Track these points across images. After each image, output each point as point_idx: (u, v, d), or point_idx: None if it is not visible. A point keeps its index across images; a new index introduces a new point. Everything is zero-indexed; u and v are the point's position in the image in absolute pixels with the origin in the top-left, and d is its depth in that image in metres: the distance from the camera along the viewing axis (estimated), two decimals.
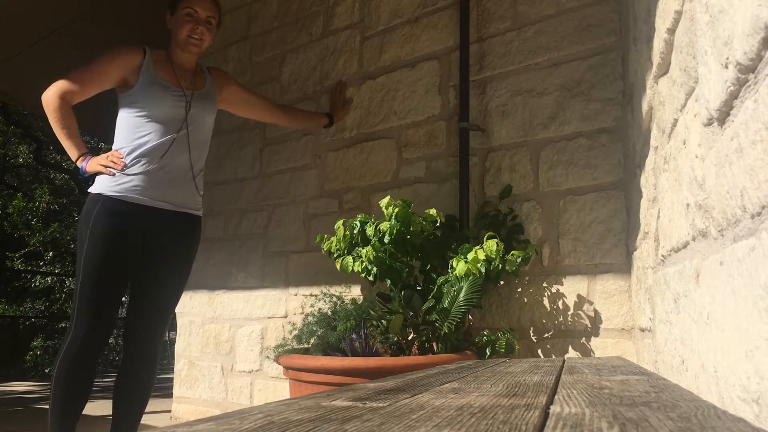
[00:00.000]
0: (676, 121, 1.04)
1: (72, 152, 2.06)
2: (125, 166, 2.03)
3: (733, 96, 0.66)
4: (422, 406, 0.62)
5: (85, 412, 2.15)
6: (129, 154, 2.07)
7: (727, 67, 0.67)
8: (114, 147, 2.13)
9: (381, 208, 2.08)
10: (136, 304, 2.14)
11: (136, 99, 2.11)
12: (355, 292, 2.67)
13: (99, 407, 3.76)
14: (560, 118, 2.19)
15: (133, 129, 2.10)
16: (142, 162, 2.07)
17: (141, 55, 2.15)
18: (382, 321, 1.98)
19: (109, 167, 2.02)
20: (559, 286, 2.12)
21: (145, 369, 2.16)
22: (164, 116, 2.11)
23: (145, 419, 3.67)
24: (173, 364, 3.60)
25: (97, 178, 2.08)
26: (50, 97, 2.04)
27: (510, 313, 2.21)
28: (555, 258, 2.14)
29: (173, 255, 2.17)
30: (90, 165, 2.04)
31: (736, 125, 0.66)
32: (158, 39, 2.28)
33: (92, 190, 2.09)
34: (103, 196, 2.04)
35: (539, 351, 2.13)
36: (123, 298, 2.20)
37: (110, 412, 2.18)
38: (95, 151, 2.21)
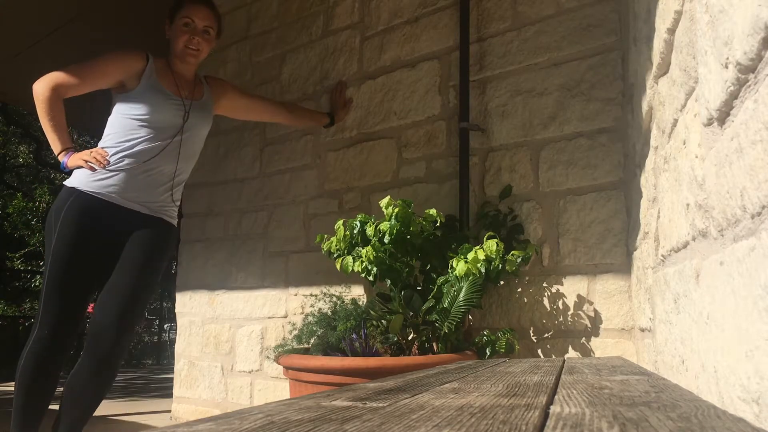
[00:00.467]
0: (676, 121, 1.04)
1: (56, 146, 1.97)
2: (108, 165, 1.95)
3: (733, 96, 0.66)
4: (422, 406, 0.62)
5: None
6: (115, 153, 2.03)
7: (727, 67, 0.67)
8: (100, 145, 2.08)
9: (381, 208, 2.08)
10: (103, 305, 2.01)
11: (134, 102, 2.08)
12: (355, 292, 2.67)
13: (100, 407, 3.75)
14: (560, 118, 2.19)
15: (125, 130, 2.07)
16: (126, 162, 2.03)
17: (144, 60, 2.13)
18: (382, 321, 1.98)
19: (91, 163, 1.91)
20: (559, 286, 2.12)
21: (97, 379, 2.02)
22: (161, 123, 2.09)
23: (145, 419, 3.68)
24: (173, 364, 3.60)
25: (75, 172, 2.01)
26: (41, 87, 1.97)
27: (510, 313, 2.21)
28: (555, 258, 2.14)
29: (143, 258, 2.08)
30: (72, 160, 1.94)
31: (736, 125, 0.66)
32: (158, 39, 2.28)
33: (67, 183, 2.03)
34: (77, 190, 1.99)
35: (539, 351, 2.13)
36: (91, 297, 2.10)
37: (110, 412, 2.16)
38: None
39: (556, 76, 2.21)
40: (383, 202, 2.07)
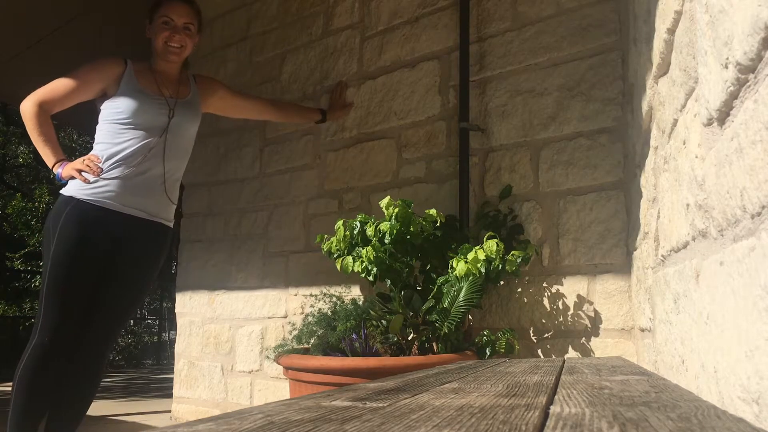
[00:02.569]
0: (676, 121, 1.04)
1: (48, 159, 2.01)
2: (101, 172, 1.99)
3: (733, 96, 0.66)
4: (422, 406, 0.62)
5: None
6: (107, 160, 2.04)
7: (727, 67, 0.67)
8: (92, 154, 2.10)
9: (381, 208, 2.08)
10: (93, 310, 2.05)
11: (116, 107, 2.09)
12: (355, 292, 2.67)
13: (100, 407, 3.76)
14: (560, 118, 2.19)
15: (112, 135, 2.08)
16: (119, 167, 2.05)
17: (122, 65, 2.14)
18: (382, 321, 1.98)
19: (84, 172, 1.96)
20: (559, 286, 2.12)
21: (87, 380, 2.08)
22: (145, 123, 2.09)
23: (145, 419, 3.68)
24: (173, 364, 3.60)
25: (71, 181, 2.04)
26: (28, 106, 2.03)
27: (510, 313, 2.21)
28: (555, 258, 2.14)
29: (139, 265, 2.13)
30: (65, 170, 1.99)
31: (736, 125, 0.66)
32: None
33: (64, 191, 2.06)
34: (74, 199, 2.01)
35: (539, 351, 2.13)
36: (92, 303, 2.10)
37: (110, 412, 2.17)
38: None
39: (556, 76, 2.21)
40: (383, 202, 2.07)
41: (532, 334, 2.15)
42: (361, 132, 2.83)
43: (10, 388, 2.03)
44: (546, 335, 2.12)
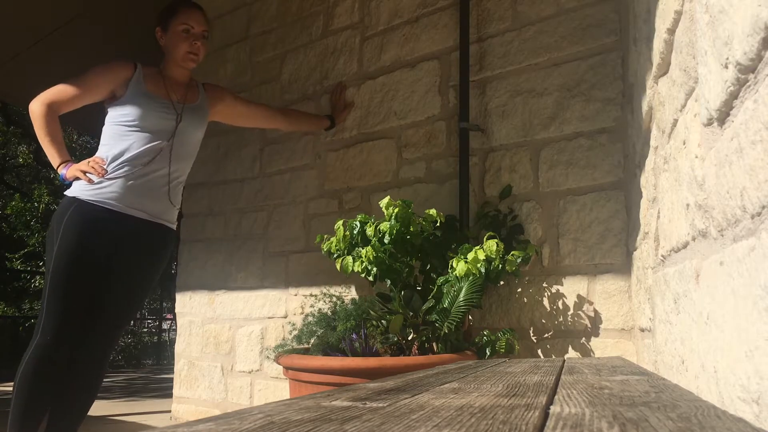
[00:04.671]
0: (676, 121, 1.04)
1: (54, 159, 2.04)
2: (105, 173, 2.01)
3: (733, 96, 0.66)
4: (422, 406, 0.62)
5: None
6: (111, 161, 2.06)
7: (727, 67, 0.67)
8: (97, 155, 2.12)
9: (381, 208, 2.08)
10: (95, 310, 2.06)
11: (123, 110, 2.11)
12: (355, 292, 2.67)
13: (100, 407, 3.76)
14: (560, 118, 2.19)
15: (117, 137, 2.10)
16: (123, 169, 2.06)
17: (131, 68, 2.17)
18: (382, 321, 1.98)
19: (88, 173, 1.99)
20: (559, 287, 2.12)
21: (88, 380, 2.08)
22: (151, 127, 2.11)
23: (145, 419, 3.68)
24: (173, 364, 3.60)
25: (75, 182, 2.05)
26: (37, 106, 2.05)
27: (510, 313, 2.21)
28: (555, 258, 2.14)
29: (141, 266, 2.14)
30: (70, 171, 2.02)
31: (736, 125, 0.66)
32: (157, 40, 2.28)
33: (68, 192, 2.07)
34: (77, 199, 2.02)
35: (539, 351, 2.13)
36: (94, 304, 2.11)
37: (110, 412, 2.17)
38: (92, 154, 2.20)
39: (556, 76, 2.21)
40: (383, 202, 2.07)
41: (532, 334, 2.15)
42: (361, 132, 2.83)
43: (10, 388, 2.03)
44: (546, 335, 2.12)
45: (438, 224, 2.15)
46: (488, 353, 1.95)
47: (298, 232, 3.03)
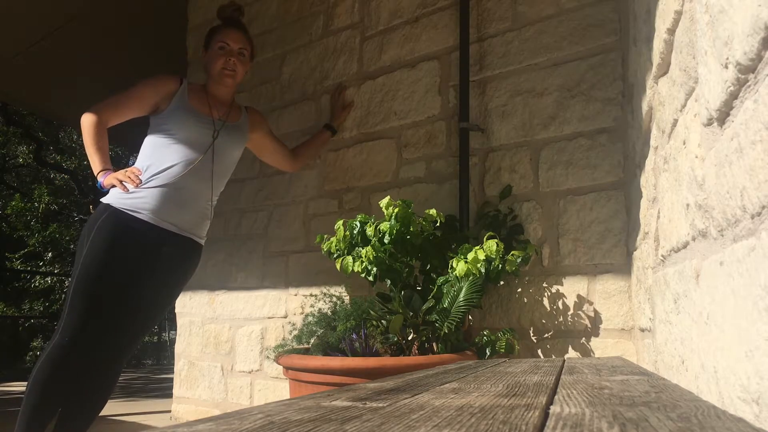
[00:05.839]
0: (676, 121, 1.04)
1: (95, 166, 2.08)
2: (140, 183, 2.04)
3: (733, 96, 0.66)
4: (422, 406, 0.62)
5: None
6: (147, 171, 2.10)
7: (727, 67, 0.67)
8: (135, 165, 2.17)
9: (381, 208, 2.08)
10: (115, 318, 2.06)
11: (164, 122, 2.16)
12: (355, 292, 2.67)
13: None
14: (560, 118, 2.19)
15: (157, 149, 2.15)
16: (158, 180, 2.10)
17: (177, 83, 2.23)
18: (382, 321, 1.98)
19: (125, 182, 2.02)
20: (559, 286, 2.12)
21: (101, 386, 2.09)
22: (190, 140, 2.15)
23: (145, 419, 3.68)
24: (173, 364, 3.60)
25: (111, 190, 2.09)
26: (87, 119, 2.11)
27: (510, 313, 2.21)
28: (555, 258, 2.14)
29: (167, 278, 2.16)
30: (108, 179, 2.05)
31: (736, 125, 0.66)
32: (157, 39, 2.29)
33: (104, 199, 2.11)
34: (111, 207, 2.06)
35: (539, 351, 2.13)
36: (116, 310, 2.12)
37: (110, 412, 2.17)
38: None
39: (556, 76, 2.22)
40: (383, 202, 2.07)
41: (532, 334, 2.15)
42: (361, 132, 2.83)
43: (10, 388, 2.03)
44: (546, 335, 2.12)
45: (438, 224, 2.15)
46: (488, 353, 1.95)
47: (298, 232, 3.03)
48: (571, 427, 0.49)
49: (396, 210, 2.02)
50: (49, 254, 11.12)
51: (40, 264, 11.09)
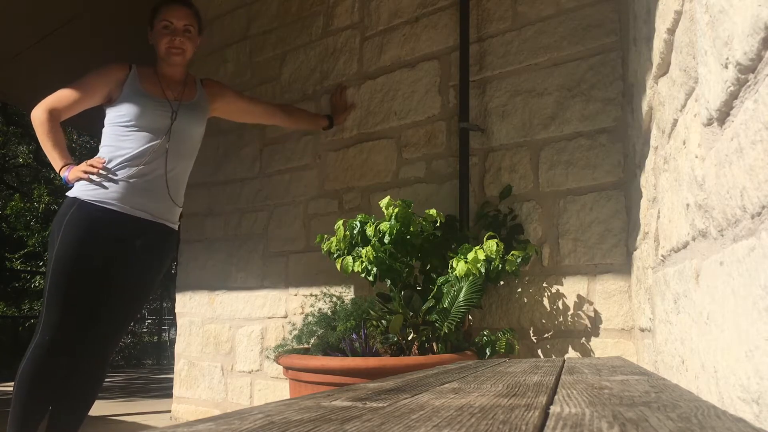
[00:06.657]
0: (676, 121, 1.04)
1: (56, 163, 2.06)
2: (106, 171, 2.03)
3: (733, 96, 0.66)
4: (422, 406, 0.62)
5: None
6: (110, 161, 2.07)
7: (727, 67, 0.67)
8: (97, 156, 2.14)
9: (381, 208, 2.08)
10: (95, 311, 2.06)
11: (119, 110, 2.12)
12: (355, 292, 2.67)
13: (100, 407, 3.76)
14: (560, 118, 2.19)
15: (115, 138, 2.11)
16: (123, 169, 2.07)
17: (126, 69, 2.18)
18: (382, 321, 1.98)
19: (89, 173, 2.01)
20: (559, 287, 2.12)
21: (89, 381, 2.08)
22: (147, 125, 2.12)
23: (145, 419, 3.68)
24: (173, 364, 3.60)
25: (76, 183, 2.06)
26: (38, 113, 2.08)
27: (510, 313, 2.21)
28: (555, 258, 2.14)
29: (141, 266, 2.13)
30: (72, 173, 2.04)
31: (736, 125, 0.66)
32: None
33: (69, 193, 2.08)
34: (78, 200, 2.03)
35: (539, 351, 2.13)
36: (94, 303, 2.10)
37: (110, 412, 2.17)
38: (94, 153, 2.21)
39: (556, 76, 2.21)
40: (383, 202, 2.07)
41: (532, 334, 2.15)
42: (361, 132, 2.83)
43: (10, 388, 2.03)
44: (546, 335, 2.12)
45: (438, 224, 2.15)
46: (488, 353, 1.95)
47: (298, 232, 3.03)
48: (571, 427, 0.49)
49: (396, 210, 2.02)
50: None
51: (40, 264, 11.08)
